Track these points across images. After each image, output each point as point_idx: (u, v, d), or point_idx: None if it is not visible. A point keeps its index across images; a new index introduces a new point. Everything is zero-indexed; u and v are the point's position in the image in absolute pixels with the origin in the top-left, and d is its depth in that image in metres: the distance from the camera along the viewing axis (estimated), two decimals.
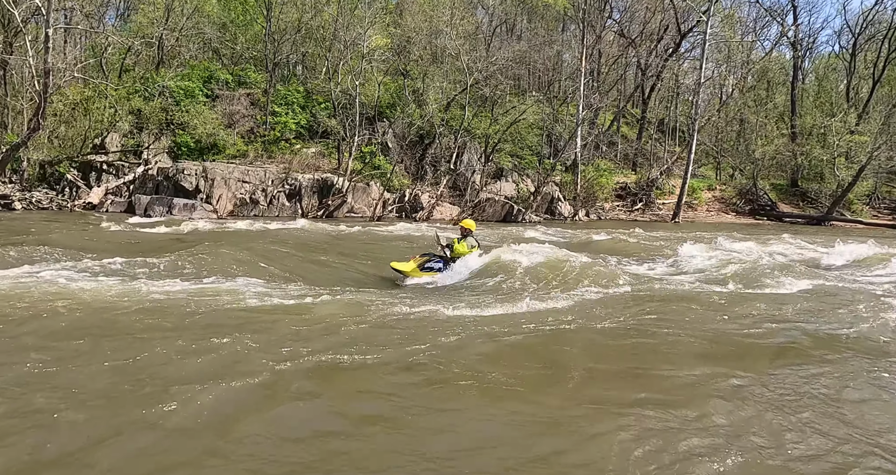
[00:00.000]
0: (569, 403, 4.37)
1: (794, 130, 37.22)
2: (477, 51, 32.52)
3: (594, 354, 5.61)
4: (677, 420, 4.05)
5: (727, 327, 6.50)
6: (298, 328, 5.92)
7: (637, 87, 39.71)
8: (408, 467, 3.42)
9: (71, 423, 3.73)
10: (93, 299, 6.72)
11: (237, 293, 7.38)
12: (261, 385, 4.37)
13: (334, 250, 13.46)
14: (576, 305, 7.35)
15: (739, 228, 26.26)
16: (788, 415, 4.18)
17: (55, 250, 10.16)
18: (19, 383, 4.29)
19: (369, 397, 4.36)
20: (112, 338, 5.34)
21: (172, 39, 31.43)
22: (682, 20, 35.63)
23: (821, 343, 5.97)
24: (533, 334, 6.00)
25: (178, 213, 23.47)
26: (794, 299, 7.95)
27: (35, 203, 23.59)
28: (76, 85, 27.04)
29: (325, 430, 3.82)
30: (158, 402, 4.01)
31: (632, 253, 14.04)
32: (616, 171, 35.06)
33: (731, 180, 38.05)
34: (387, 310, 6.79)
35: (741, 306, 7.41)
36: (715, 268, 10.34)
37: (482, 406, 4.26)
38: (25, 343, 5.15)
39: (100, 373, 4.53)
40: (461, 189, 29.40)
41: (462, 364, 5.05)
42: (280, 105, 30.25)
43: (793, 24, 39.20)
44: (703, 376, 4.98)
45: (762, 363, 5.38)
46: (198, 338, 5.35)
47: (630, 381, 4.91)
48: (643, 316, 6.87)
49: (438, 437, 3.81)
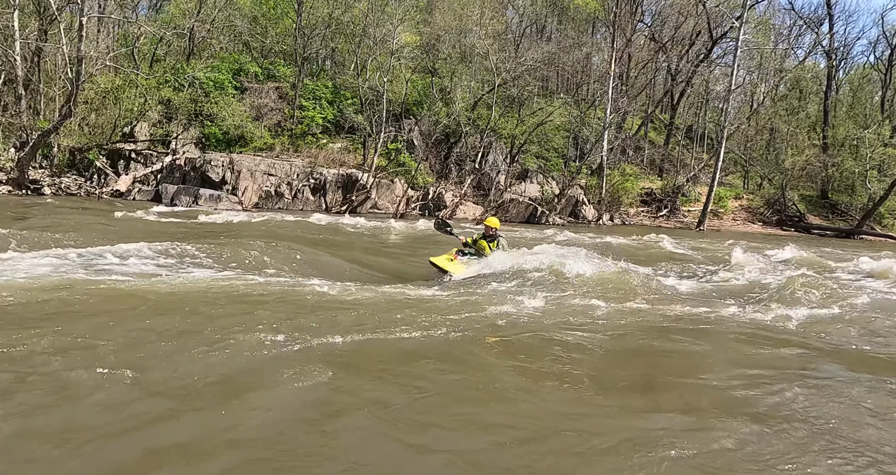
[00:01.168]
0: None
1: (825, 141, 36.56)
2: (506, 51, 32.35)
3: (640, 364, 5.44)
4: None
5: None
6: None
7: (666, 93, 39.29)
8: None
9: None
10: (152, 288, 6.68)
11: (305, 285, 7.35)
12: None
13: (381, 245, 13.37)
14: (625, 312, 7.16)
15: (766, 239, 25.80)
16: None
17: (103, 236, 10.17)
18: (134, 365, 4.26)
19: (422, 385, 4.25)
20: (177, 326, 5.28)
21: (204, 31, 31.60)
22: (714, 26, 35.20)
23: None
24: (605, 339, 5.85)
25: (204, 203, 23.58)
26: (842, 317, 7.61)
27: (64, 189, 23.83)
28: (107, 73, 27.27)
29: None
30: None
31: (670, 259, 13.73)
32: (642, 176, 34.71)
33: (759, 190, 37.49)
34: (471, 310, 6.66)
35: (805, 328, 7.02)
36: (772, 281, 9.76)
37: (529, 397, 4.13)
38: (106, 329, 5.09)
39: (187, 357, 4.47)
40: (485, 189, 29.25)
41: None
42: (308, 99, 30.30)
43: (828, 33, 38.56)
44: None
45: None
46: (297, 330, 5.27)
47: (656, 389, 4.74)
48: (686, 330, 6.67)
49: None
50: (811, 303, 7.94)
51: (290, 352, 4.73)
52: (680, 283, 9.55)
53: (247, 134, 28.25)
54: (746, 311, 7.42)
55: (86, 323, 5.18)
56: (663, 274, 10.83)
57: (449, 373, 4.69)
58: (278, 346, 4.82)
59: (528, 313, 6.62)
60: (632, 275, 8.69)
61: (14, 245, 8.67)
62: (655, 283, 8.83)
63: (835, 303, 7.99)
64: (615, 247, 15.82)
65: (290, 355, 4.66)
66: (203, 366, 4.36)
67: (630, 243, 17.82)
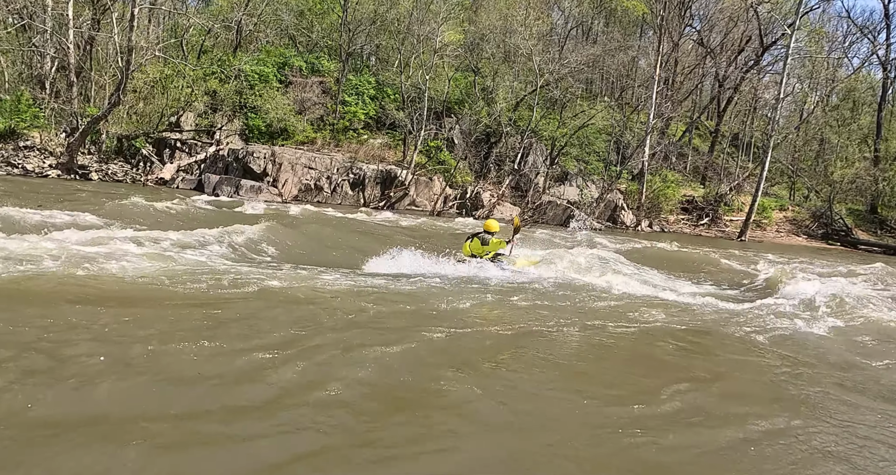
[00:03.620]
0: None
1: (877, 154, 35.38)
2: (549, 52, 32.04)
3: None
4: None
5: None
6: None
7: (713, 99, 38.45)
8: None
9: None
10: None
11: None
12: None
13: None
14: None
15: (810, 253, 25.01)
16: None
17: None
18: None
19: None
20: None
21: (251, 24, 32.00)
22: (765, 32, 34.31)
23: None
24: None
25: (245, 193, 23.84)
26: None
27: (111, 175, 24.35)
28: (156, 63, 27.78)
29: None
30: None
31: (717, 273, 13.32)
32: (684, 183, 34.02)
33: (806, 202, 36.47)
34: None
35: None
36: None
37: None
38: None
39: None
40: (523, 190, 29.01)
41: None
42: (351, 95, 30.43)
43: (884, 43, 37.29)
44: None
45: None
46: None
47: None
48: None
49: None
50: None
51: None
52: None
53: (289, 127, 28.51)
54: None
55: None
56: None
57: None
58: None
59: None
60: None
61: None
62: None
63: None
64: (666, 255, 15.50)
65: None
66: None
67: (680, 251, 17.37)
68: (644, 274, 10.33)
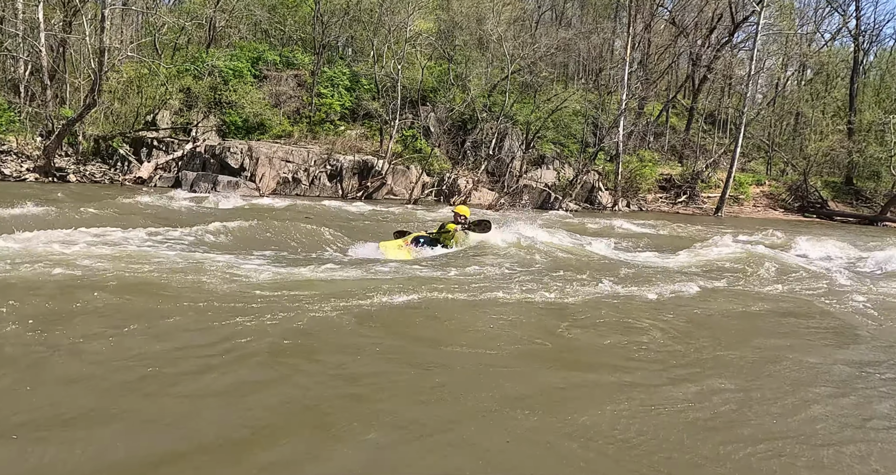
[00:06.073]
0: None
1: (850, 126, 35.83)
2: (521, 37, 32.23)
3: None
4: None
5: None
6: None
7: (688, 78, 38.75)
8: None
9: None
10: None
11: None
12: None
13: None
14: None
15: (785, 226, 25.37)
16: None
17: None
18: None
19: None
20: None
21: (223, 20, 32.09)
22: (736, 9, 34.58)
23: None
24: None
25: (223, 189, 24.08)
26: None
27: (89, 176, 24.55)
28: (131, 62, 27.90)
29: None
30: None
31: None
32: (662, 162, 34.37)
33: (783, 176, 36.94)
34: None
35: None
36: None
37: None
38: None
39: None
40: (500, 175, 29.35)
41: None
42: (326, 87, 30.62)
43: (854, 14, 37.63)
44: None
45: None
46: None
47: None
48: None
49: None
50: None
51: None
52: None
53: (266, 121, 28.72)
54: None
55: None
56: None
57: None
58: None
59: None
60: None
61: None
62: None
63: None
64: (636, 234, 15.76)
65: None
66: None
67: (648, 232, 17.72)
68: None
